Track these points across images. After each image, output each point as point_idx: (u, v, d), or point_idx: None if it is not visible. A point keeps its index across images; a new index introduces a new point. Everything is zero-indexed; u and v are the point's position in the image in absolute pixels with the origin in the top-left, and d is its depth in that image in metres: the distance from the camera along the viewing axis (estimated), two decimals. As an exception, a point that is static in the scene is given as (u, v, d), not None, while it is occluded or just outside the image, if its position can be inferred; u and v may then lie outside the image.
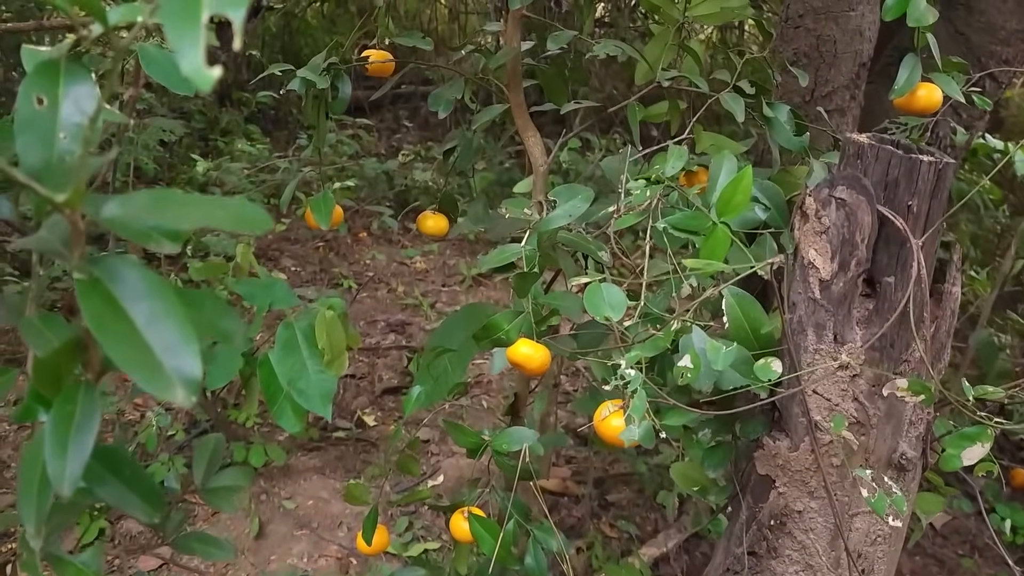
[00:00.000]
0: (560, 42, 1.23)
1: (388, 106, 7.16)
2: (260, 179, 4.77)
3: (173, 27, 0.39)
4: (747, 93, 1.26)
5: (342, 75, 1.36)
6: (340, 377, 1.66)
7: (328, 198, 1.53)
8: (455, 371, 1.76)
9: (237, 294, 1.84)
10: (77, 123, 0.55)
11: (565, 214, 1.17)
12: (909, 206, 0.95)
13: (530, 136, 1.39)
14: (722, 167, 1.06)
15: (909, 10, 1.14)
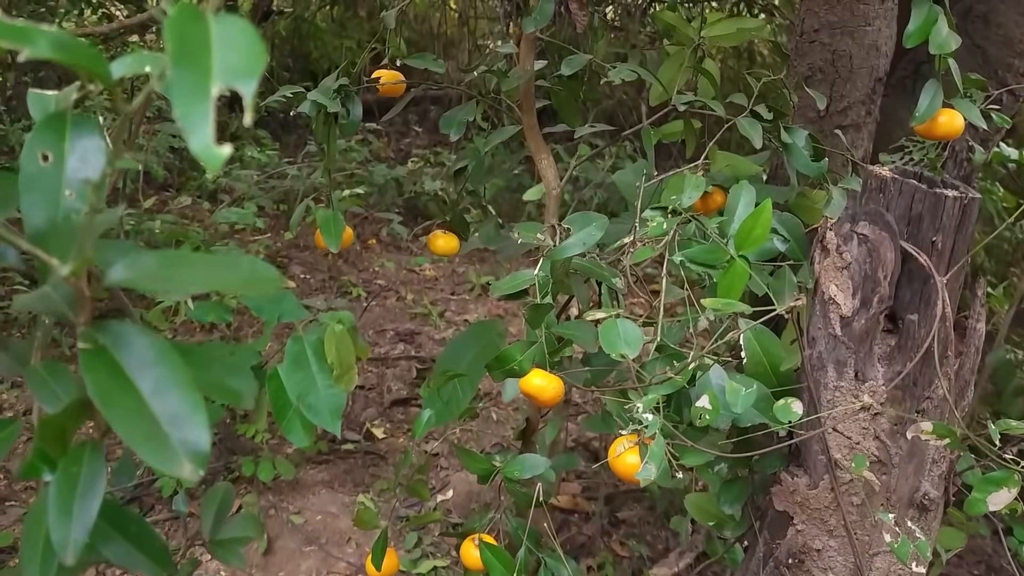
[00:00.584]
0: (574, 66, 1.21)
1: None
2: (270, 185, 4.76)
3: (182, 104, 0.37)
4: (764, 118, 1.24)
5: (353, 97, 1.34)
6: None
7: (338, 219, 1.51)
8: (464, 393, 1.74)
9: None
10: (83, 179, 0.54)
11: (579, 242, 1.15)
12: (933, 242, 0.93)
13: (543, 158, 1.37)
14: (740, 198, 1.04)
15: (932, 36, 1.12)
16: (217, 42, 0.39)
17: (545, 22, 1.20)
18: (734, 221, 1.04)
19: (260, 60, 0.39)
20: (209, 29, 0.39)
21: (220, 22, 0.40)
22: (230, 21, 0.40)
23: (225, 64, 0.38)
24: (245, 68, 0.38)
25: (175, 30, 0.39)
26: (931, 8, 1.14)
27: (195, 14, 0.40)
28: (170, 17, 0.39)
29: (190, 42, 0.39)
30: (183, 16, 0.40)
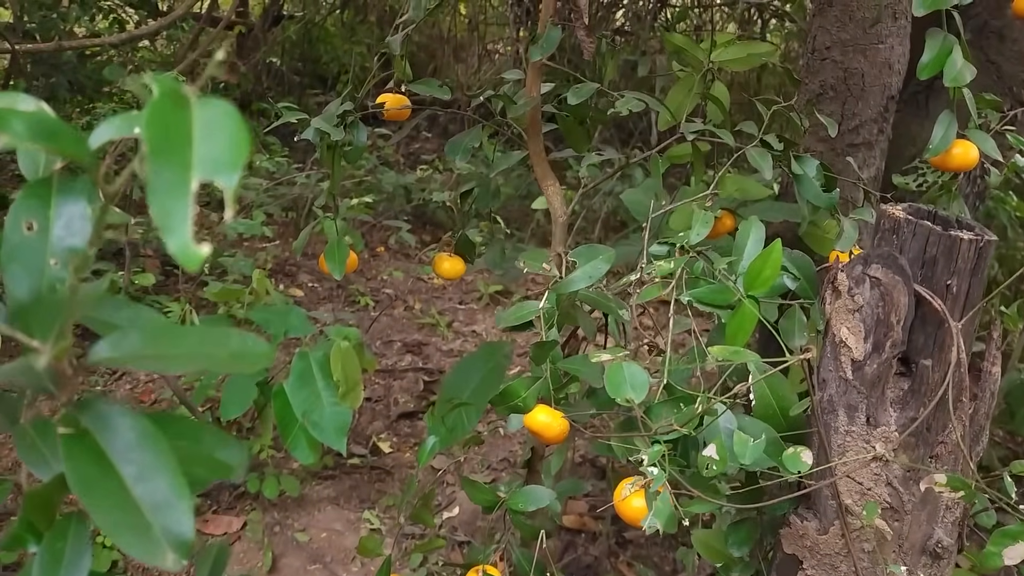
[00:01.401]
0: (581, 96, 1.20)
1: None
2: (279, 193, 4.76)
3: (159, 201, 0.35)
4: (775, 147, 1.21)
5: (357, 124, 1.33)
6: (354, 402, 1.64)
7: (342, 245, 1.50)
8: (470, 419, 1.72)
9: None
10: (69, 247, 0.52)
11: (585, 276, 1.14)
12: (948, 285, 0.91)
13: (549, 185, 1.35)
14: (749, 235, 1.02)
15: (946, 68, 1.09)
16: (199, 132, 0.37)
17: (551, 50, 1.18)
18: (743, 259, 1.01)
19: (244, 149, 0.38)
20: (191, 117, 0.38)
21: (204, 107, 0.39)
22: (214, 105, 0.39)
23: (207, 156, 0.36)
24: (228, 160, 0.37)
25: (156, 119, 0.37)
26: (946, 38, 1.12)
27: (179, 99, 0.38)
28: (153, 104, 0.38)
29: (171, 133, 0.37)
30: (166, 102, 0.38)
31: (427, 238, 5.18)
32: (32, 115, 0.41)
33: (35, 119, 0.41)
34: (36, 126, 0.40)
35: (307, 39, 7.20)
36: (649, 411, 0.94)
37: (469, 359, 1.91)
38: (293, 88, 6.94)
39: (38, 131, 0.40)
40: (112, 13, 5.55)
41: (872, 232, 0.97)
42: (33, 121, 0.40)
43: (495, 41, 7.55)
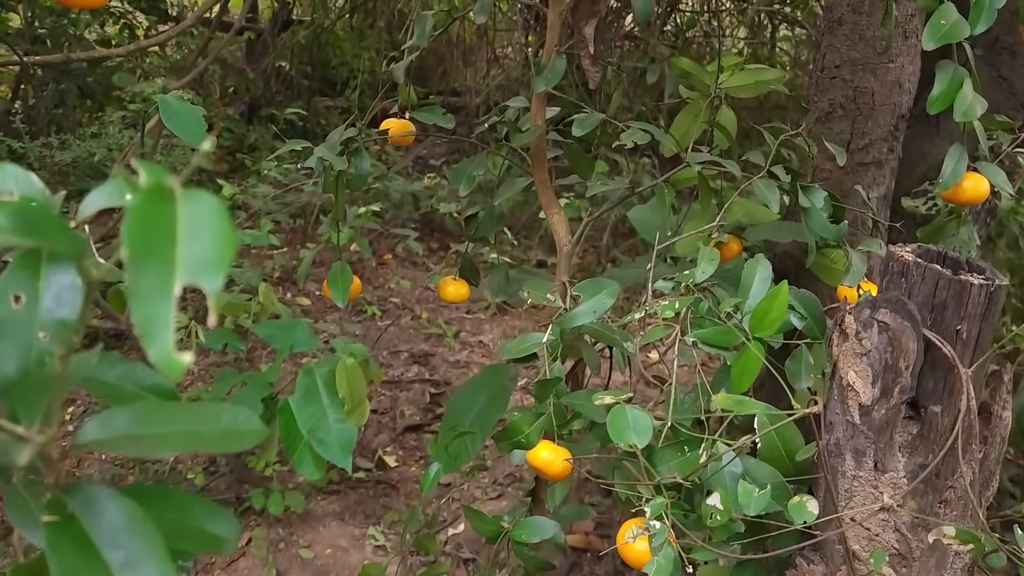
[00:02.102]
0: (586, 127, 1.18)
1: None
2: (287, 200, 4.75)
3: (140, 307, 0.34)
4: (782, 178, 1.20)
5: (360, 151, 1.32)
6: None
7: (345, 272, 1.49)
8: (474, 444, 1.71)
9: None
10: (59, 319, 0.51)
11: (590, 310, 1.12)
12: (958, 331, 0.89)
13: (554, 213, 1.34)
14: (755, 274, 1.01)
15: (957, 103, 1.08)
16: (184, 231, 0.36)
17: (556, 80, 1.17)
18: (749, 298, 1.00)
19: (230, 248, 0.36)
20: (177, 215, 0.37)
21: (189, 202, 0.37)
22: (200, 201, 0.38)
23: (191, 258, 0.35)
24: (213, 261, 0.36)
25: (139, 218, 0.36)
26: (956, 71, 1.10)
27: (164, 195, 0.37)
28: (137, 200, 0.37)
29: (155, 233, 0.36)
30: (152, 197, 0.37)
31: (434, 245, 5.17)
32: (16, 206, 0.40)
33: (19, 211, 0.40)
34: (19, 217, 0.39)
35: (316, 43, 7.20)
36: (653, 454, 0.93)
37: (473, 382, 1.90)
38: (302, 92, 6.95)
39: (21, 223, 0.39)
40: (122, 18, 5.56)
41: (881, 274, 0.95)
42: (16, 212, 0.40)
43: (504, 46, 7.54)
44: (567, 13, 1.20)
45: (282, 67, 6.78)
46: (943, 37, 1.06)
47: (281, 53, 6.62)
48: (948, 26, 1.06)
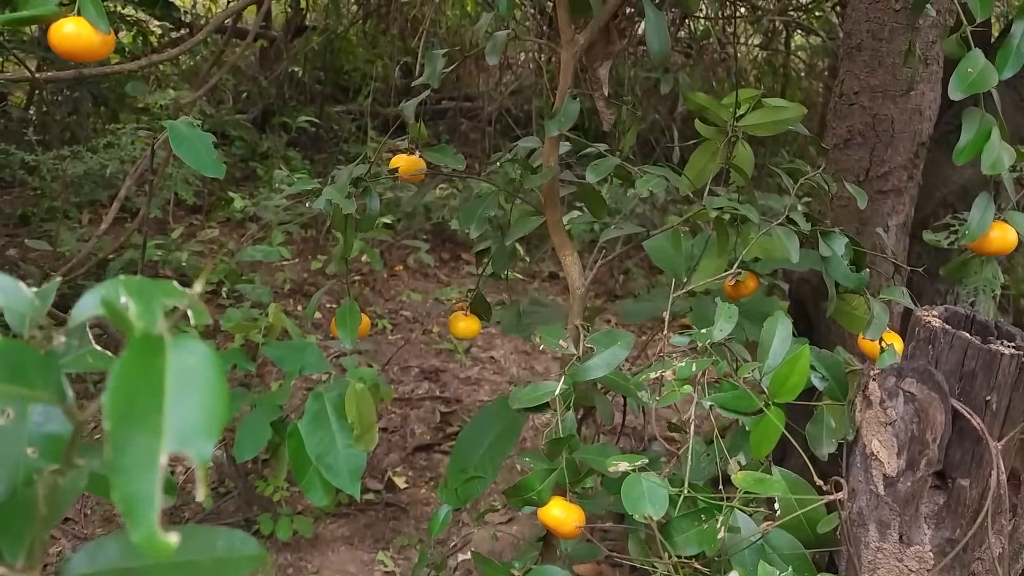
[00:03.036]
0: (600, 173, 1.16)
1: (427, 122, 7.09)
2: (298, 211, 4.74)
3: (122, 482, 0.32)
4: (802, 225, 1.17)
5: (371, 190, 1.29)
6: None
7: (354, 311, 1.47)
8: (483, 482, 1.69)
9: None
10: (48, 433, 0.49)
11: (603, 363, 1.09)
12: (987, 401, 0.86)
13: (567, 255, 1.31)
14: (775, 333, 0.97)
15: (985, 154, 1.04)
16: (173, 391, 0.34)
17: (569, 124, 1.15)
18: (768, 357, 0.97)
19: (222, 409, 0.34)
20: (165, 371, 0.34)
21: (179, 354, 0.35)
22: (190, 352, 0.35)
23: (180, 424, 0.33)
24: (203, 426, 0.33)
25: (125, 379, 0.33)
26: (983, 119, 1.07)
27: (153, 348, 0.35)
28: (124, 359, 0.34)
29: (140, 396, 0.33)
30: (140, 352, 0.34)
31: (446, 256, 5.15)
32: (3, 347, 0.38)
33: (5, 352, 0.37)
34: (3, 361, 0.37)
35: (329, 50, 7.20)
36: (669, 524, 0.90)
37: (483, 415, 1.87)
38: (315, 98, 6.95)
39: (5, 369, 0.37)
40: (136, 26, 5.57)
41: (907, 338, 0.92)
42: (3, 356, 0.37)
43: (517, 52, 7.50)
44: (581, 54, 1.18)
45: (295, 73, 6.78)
46: (971, 86, 1.02)
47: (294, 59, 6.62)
48: (976, 74, 1.03)
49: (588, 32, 1.16)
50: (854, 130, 2.00)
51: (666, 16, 1.05)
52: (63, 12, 0.90)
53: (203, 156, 1.49)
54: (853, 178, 2.03)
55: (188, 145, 1.50)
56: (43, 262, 3.99)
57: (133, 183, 3.25)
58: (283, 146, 5.85)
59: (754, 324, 1.56)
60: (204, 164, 1.47)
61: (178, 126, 1.53)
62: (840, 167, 2.05)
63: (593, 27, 1.15)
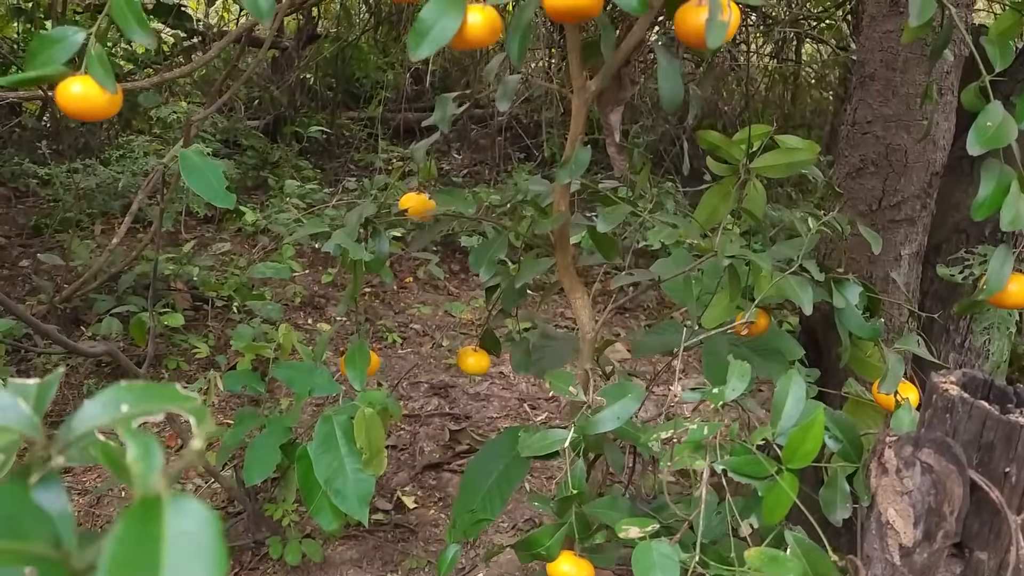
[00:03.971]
0: (611, 222, 1.14)
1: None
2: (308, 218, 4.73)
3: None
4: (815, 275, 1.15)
5: (379, 233, 1.29)
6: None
7: (363, 350, 1.46)
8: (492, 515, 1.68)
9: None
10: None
11: (614, 416, 1.08)
12: (1006, 473, 0.84)
13: (578, 298, 1.30)
14: (788, 393, 0.96)
15: (1004, 210, 1.02)
16: (171, 560, 0.33)
17: (580, 173, 1.13)
18: (782, 419, 0.95)
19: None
20: (163, 539, 0.33)
21: (177, 519, 0.34)
22: (189, 515, 0.34)
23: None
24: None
25: (122, 547, 0.32)
26: (1002, 173, 1.05)
27: (150, 512, 0.34)
28: (121, 526, 0.33)
29: (137, 566, 0.32)
30: (137, 519, 0.33)
31: (456, 267, 5.14)
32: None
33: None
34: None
35: (340, 57, 7.21)
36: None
37: (491, 446, 1.86)
38: (326, 104, 6.97)
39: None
40: (148, 36, 5.59)
41: (923, 404, 0.90)
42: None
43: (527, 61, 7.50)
44: (592, 100, 1.16)
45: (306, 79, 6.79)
46: (989, 141, 1.00)
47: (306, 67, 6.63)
48: (995, 128, 1.01)
49: (600, 79, 1.15)
50: (867, 159, 1.98)
51: (680, 62, 1.04)
52: (69, 71, 0.90)
53: (214, 186, 1.48)
54: (866, 207, 2.01)
55: (199, 175, 1.50)
56: (56, 273, 4.01)
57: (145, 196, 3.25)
58: (294, 155, 5.86)
59: (766, 360, 1.55)
60: (215, 194, 1.47)
61: (189, 155, 1.53)
62: (852, 196, 2.03)
63: (605, 74, 1.14)
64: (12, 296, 3.94)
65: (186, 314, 3.78)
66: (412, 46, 0.87)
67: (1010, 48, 1.11)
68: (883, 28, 1.89)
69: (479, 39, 0.92)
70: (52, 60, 0.89)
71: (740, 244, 1.31)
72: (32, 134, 4.86)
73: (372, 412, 2.10)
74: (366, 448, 2.12)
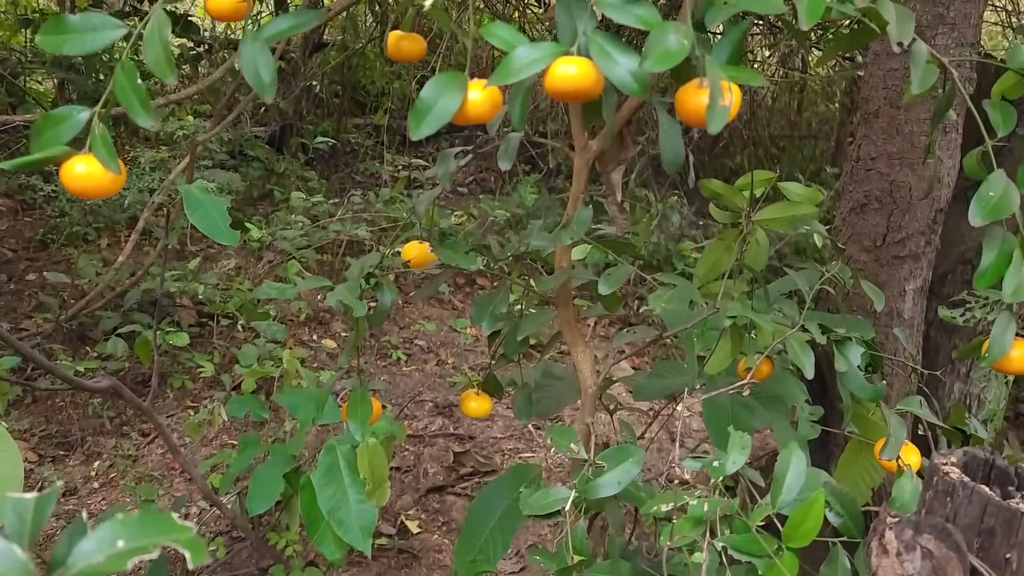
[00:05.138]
0: (613, 284, 1.14)
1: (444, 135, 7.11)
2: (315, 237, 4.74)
3: None
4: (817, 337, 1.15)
5: (381, 286, 1.29)
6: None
7: (365, 399, 1.46)
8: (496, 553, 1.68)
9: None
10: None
11: (614, 481, 1.08)
12: (1007, 559, 0.84)
13: (579, 352, 1.30)
14: (789, 467, 0.96)
15: (1007, 279, 1.02)
16: None
17: (581, 234, 1.14)
18: (782, 492, 0.95)
19: None
20: None
21: None
22: None
23: None
24: None
25: None
26: (1005, 240, 1.04)
27: None
28: None
29: None
30: None
31: (460, 281, 5.14)
32: None
33: None
34: None
35: (347, 66, 7.23)
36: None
37: (495, 485, 1.86)
38: (332, 111, 6.98)
39: None
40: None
41: (923, 486, 0.90)
42: None
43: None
44: (594, 160, 1.17)
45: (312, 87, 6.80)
46: (991, 212, 1.00)
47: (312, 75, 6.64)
48: (997, 198, 1.01)
49: (601, 139, 1.15)
50: (871, 195, 1.98)
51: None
52: (73, 151, 0.90)
53: (217, 224, 1.48)
54: (870, 243, 2.01)
55: (203, 212, 1.50)
56: (63, 287, 4.01)
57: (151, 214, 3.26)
58: (300, 167, 5.87)
59: (768, 408, 1.55)
60: (218, 232, 1.47)
61: (193, 192, 1.53)
62: (857, 231, 2.03)
63: (606, 134, 1.14)
64: (18, 311, 3.96)
65: (191, 330, 3.79)
66: (412, 126, 0.87)
67: (1012, 112, 1.11)
68: (887, 66, 1.89)
69: (480, 115, 0.92)
70: (57, 139, 0.90)
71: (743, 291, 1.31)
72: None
73: (375, 442, 2.10)
74: (369, 479, 2.12)
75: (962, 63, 1.84)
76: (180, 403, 3.47)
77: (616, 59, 0.85)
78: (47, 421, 3.24)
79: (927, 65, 1.05)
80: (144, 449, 3.23)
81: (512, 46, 0.88)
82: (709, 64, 0.83)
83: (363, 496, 2.14)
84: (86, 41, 0.91)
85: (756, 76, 0.86)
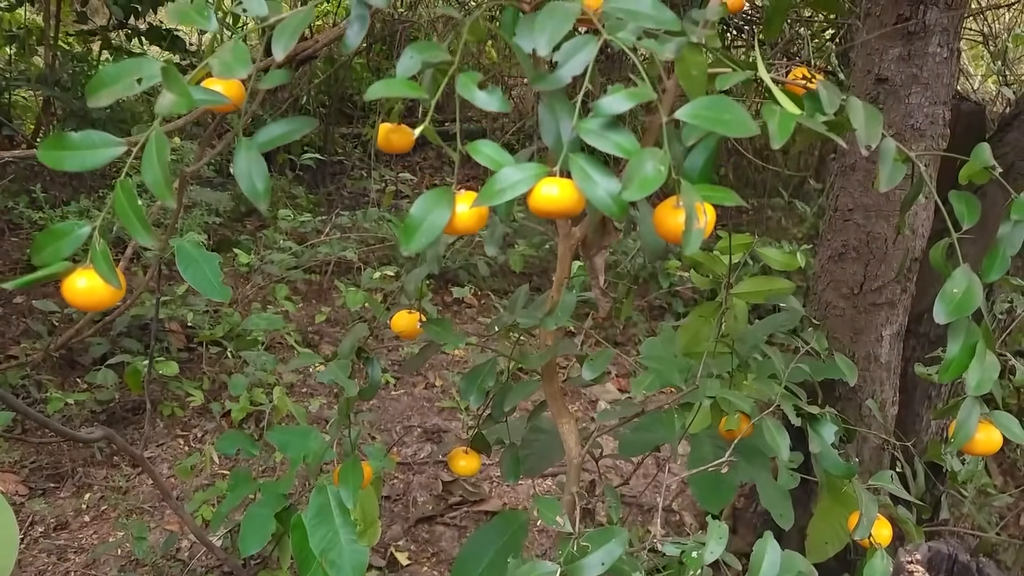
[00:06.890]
0: (598, 368, 1.19)
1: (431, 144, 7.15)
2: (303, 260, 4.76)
3: None
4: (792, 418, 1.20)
5: (372, 361, 1.33)
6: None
7: (356, 466, 1.50)
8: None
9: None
10: None
11: (598, 563, 1.12)
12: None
13: (564, 423, 1.34)
14: (764, 557, 1.01)
15: (970, 372, 1.07)
16: None
17: (567, 319, 1.18)
18: (757, 580, 1.00)
19: None
20: None
21: None
22: None
23: None
24: None
25: None
26: (969, 330, 1.09)
27: None
28: None
29: None
30: None
31: (448, 299, 5.17)
32: None
33: None
34: None
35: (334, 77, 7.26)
36: None
37: (485, 530, 1.90)
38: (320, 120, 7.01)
39: None
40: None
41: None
42: None
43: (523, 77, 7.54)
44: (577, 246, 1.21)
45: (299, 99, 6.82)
46: (956, 309, 1.05)
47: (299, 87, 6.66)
48: (960, 295, 1.06)
49: (584, 226, 1.20)
50: (848, 245, 2.03)
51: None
52: (74, 266, 0.94)
53: (209, 279, 1.52)
54: (848, 290, 2.06)
55: (195, 268, 1.53)
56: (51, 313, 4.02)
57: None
58: (288, 183, 5.89)
59: (749, 462, 1.60)
60: (210, 289, 1.51)
61: (186, 247, 1.57)
62: (835, 279, 2.08)
63: (589, 222, 1.18)
64: (7, 336, 3.97)
65: (181, 355, 3.81)
66: (403, 242, 0.91)
67: (976, 204, 1.16)
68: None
69: (467, 228, 0.96)
70: (58, 254, 0.94)
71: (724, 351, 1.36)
72: (26, 171, 4.87)
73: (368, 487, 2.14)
74: (360, 519, 2.16)
75: (936, 120, 1.90)
76: (170, 431, 3.49)
77: (596, 181, 0.89)
78: (37, 452, 3.26)
79: (894, 163, 1.10)
80: (135, 480, 3.25)
81: (499, 165, 0.92)
82: (684, 189, 0.88)
83: (355, 536, 2.18)
84: (86, 158, 0.95)
85: (730, 195, 0.90)
